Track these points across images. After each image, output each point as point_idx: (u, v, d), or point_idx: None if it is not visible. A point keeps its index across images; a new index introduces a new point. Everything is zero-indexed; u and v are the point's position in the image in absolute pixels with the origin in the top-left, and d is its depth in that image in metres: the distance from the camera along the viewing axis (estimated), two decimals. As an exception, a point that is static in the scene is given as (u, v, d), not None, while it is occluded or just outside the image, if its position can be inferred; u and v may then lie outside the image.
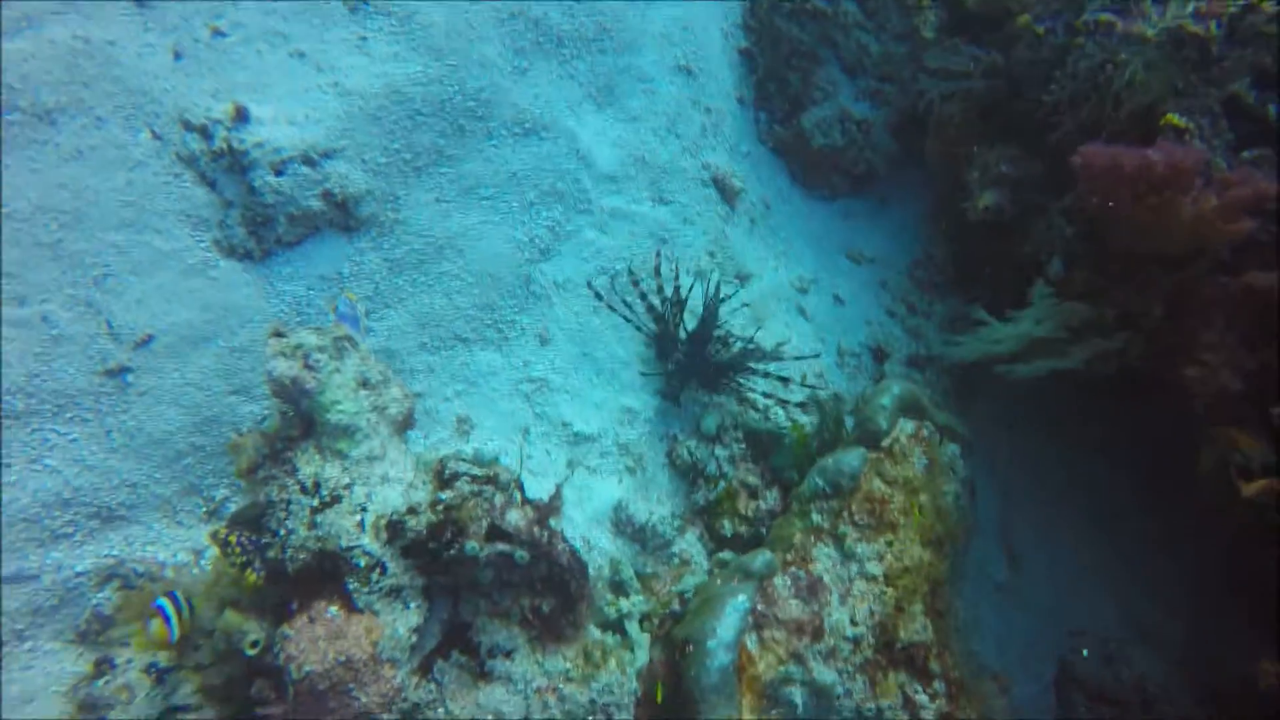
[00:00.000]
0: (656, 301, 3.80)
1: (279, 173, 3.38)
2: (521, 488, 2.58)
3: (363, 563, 2.25)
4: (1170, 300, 3.23)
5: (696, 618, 2.83)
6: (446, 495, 2.39)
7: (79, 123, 3.13)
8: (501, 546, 2.38)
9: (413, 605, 2.32)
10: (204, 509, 3.08)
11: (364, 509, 2.33)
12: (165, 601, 2.31)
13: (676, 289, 3.76)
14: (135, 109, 3.26)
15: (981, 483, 4.20)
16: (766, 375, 3.68)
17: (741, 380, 3.76)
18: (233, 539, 2.20)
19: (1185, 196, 2.86)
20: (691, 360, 3.65)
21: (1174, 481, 4.31)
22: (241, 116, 3.33)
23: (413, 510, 2.34)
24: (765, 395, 3.88)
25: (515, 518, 2.42)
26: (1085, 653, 4.19)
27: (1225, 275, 3.15)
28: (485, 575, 2.42)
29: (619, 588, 3.23)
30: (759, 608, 2.88)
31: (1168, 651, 4.28)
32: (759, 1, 4.56)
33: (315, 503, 2.27)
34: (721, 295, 3.83)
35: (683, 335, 3.70)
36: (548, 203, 3.94)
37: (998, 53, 3.94)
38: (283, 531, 2.24)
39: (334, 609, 2.19)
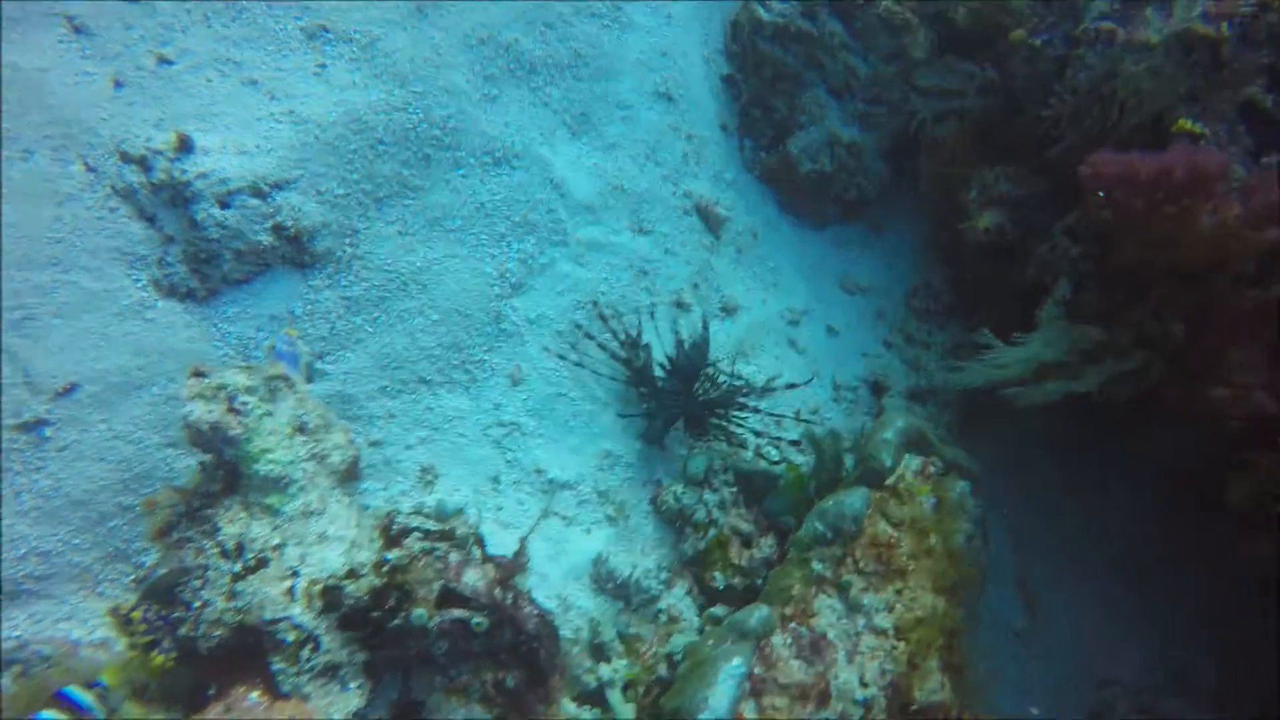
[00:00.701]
0: (635, 339, 3.54)
1: (225, 205, 3.14)
2: (482, 543, 2.27)
3: (291, 638, 1.93)
4: (1191, 318, 2.98)
5: (687, 686, 2.50)
6: (394, 555, 2.09)
7: (1, 155, 2.88)
8: (457, 612, 2.07)
9: (353, 686, 2.00)
10: (132, 576, 2.75)
11: (296, 573, 2.02)
12: (79, 690, 1.99)
13: (640, 333, 3.51)
14: (67, 140, 3.03)
15: (992, 522, 3.90)
16: (757, 411, 3.40)
17: (731, 418, 3.48)
18: (137, 615, 1.89)
19: (1205, 205, 2.63)
20: (676, 399, 3.37)
21: (1198, 514, 4.03)
22: (185, 146, 3.10)
23: (353, 573, 2.04)
24: (757, 434, 3.60)
25: (473, 578, 2.11)
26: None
27: (1251, 289, 2.91)
28: (439, 646, 2.10)
29: (599, 651, 2.90)
30: (756, 671, 2.55)
31: (1201, 695, 3.94)
32: (741, 25, 4.39)
33: (237, 568, 1.96)
34: (708, 329, 3.57)
35: (660, 374, 3.43)
36: (519, 234, 3.70)
37: (992, 69, 3.76)
38: (197, 604, 1.93)
39: (255, 694, 1.87)
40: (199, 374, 2.06)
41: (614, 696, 2.72)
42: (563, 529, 3.26)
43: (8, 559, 2.54)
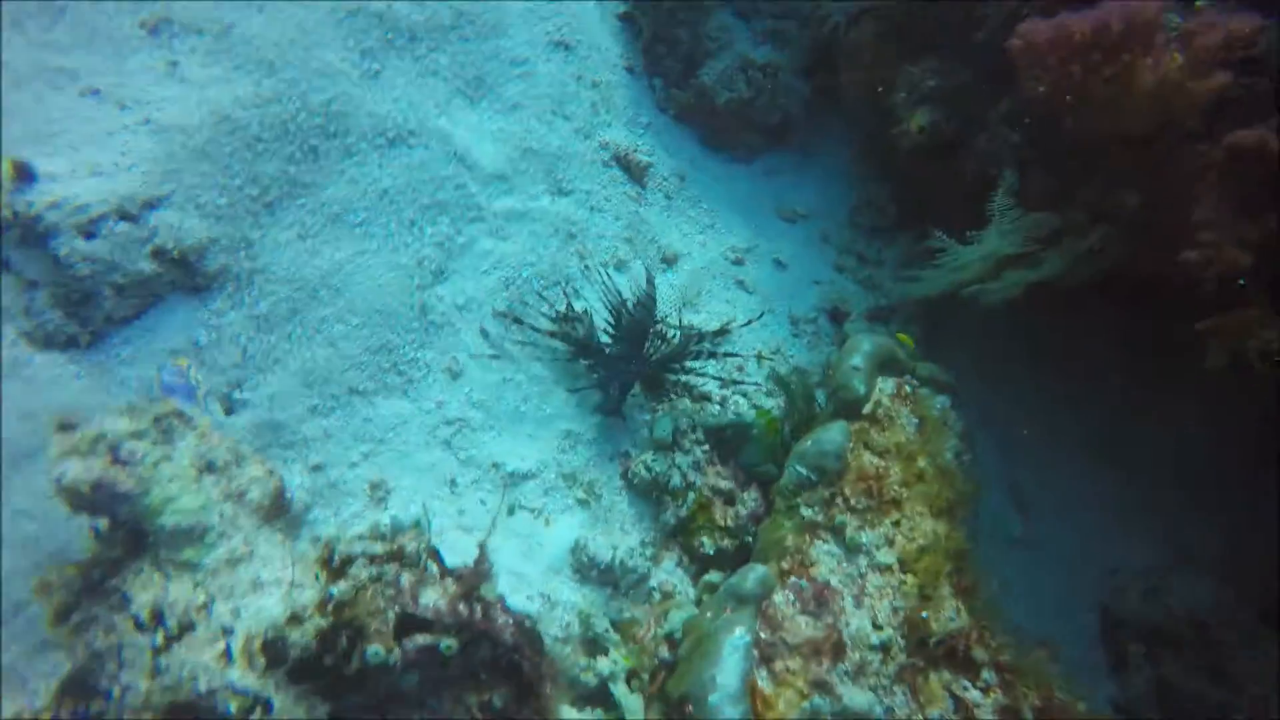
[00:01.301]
0: (568, 311, 3.28)
1: (89, 235, 2.78)
2: (438, 557, 2.02)
3: (234, 706, 1.67)
4: (1147, 186, 2.83)
5: (691, 667, 2.30)
6: (338, 588, 1.83)
7: None
8: (421, 639, 1.82)
9: (317, 745, 1.74)
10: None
11: (230, 631, 1.75)
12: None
13: (569, 305, 3.27)
14: (-113, 191, 2.63)
15: (975, 430, 3.77)
16: (714, 356, 3.18)
17: (689, 372, 3.26)
18: (45, 718, 1.60)
19: (1145, 59, 2.45)
20: (627, 364, 3.14)
21: (1178, 387, 3.96)
22: (24, 174, 2.72)
23: (295, 618, 1.77)
24: (721, 386, 3.39)
25: (432, 597, 1.86)
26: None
27: (1202, 144, 2.76)
28: (409, 680, 1.85)
29: (594, 645, 2.68)
30: (763, 636, 2.37)
31: (1212, 570, 3.89)
32: (629, -41, 4.11)
33: (158, 640, 1.69)
34: (653, 284, 3.32)
35: (606, 339, 3.19)
36: (431, 217, 3.40)
37: (898, -41, 3.55)
38: (116, 690, 1.65)
39: (202, 780, 1.61)
40: (66, 426, 1.75)
41: (618, 690, 2.51)
42: (533, 522, 3.02)
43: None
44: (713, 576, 2.97)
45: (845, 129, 4.35)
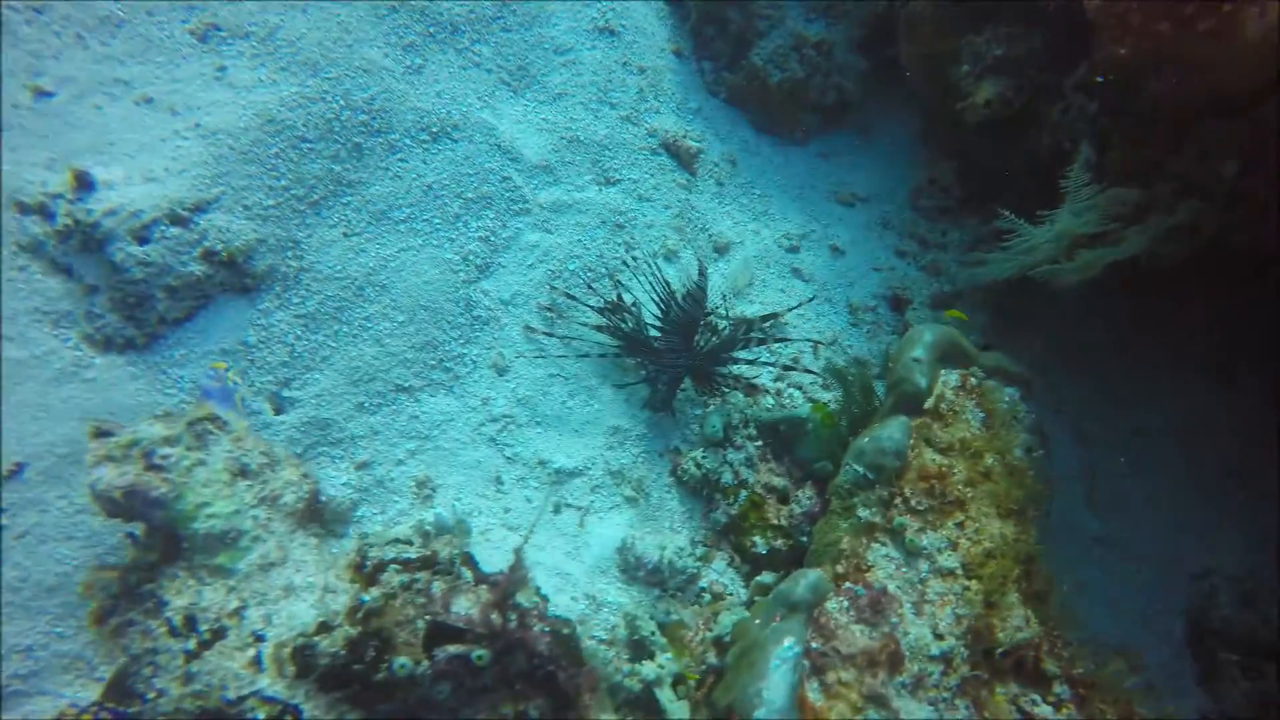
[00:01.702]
0: (617, 303, 3.20)
1: (143, 240, 2.83)
2: (473, 563, 1.97)
3: (262, 715, 1.65)
4: (1246, 153, 2.57)
5: (738, 678, 2.21)
6: (370, 595, 1.79)
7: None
8: (452, 649, 1.77)
9: (348, 754, 1.71)
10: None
11: (261, 638, 1.74)
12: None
13: (619, 296, 3.18)
14: (-46, 202, 2.73)
15: (1049, 422, 3.54)
16: (764, 344, 3.05)
17: (741, 364, 3.14)
18: (86, 719, 1.62)
19: (1252, 8, 2.20)
20: (676, 357, 3.04)
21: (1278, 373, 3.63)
22: (84, 184, 2.79)
23: (325, 626, 1.75)
24: (775, 379, 3.26)
25: (464, 606, 1.81)
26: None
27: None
28: (441, 691, 1.81)
29: (640, 648, 2.61)
30: (814, 646, 2.25)
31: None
32: (675, -63, 3.98)
33: (191, 645, 1.69)
34: (705, 275, 3.20)
35: (655, 333, 3.09)
36: (475, 211, 3.36)
37: (960, -80, 3.32)
38: (151, 694, 1.65)
39: (231, 790, 1.60)
40: (102, 433, 1.76)
41: (664, 696, 2.44)
42: (579, 520, 2.96)
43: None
44: (765, 578, 2.86)
45: (906, 106, 4.13)
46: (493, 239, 3.35)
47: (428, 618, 1.76)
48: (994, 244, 3.36)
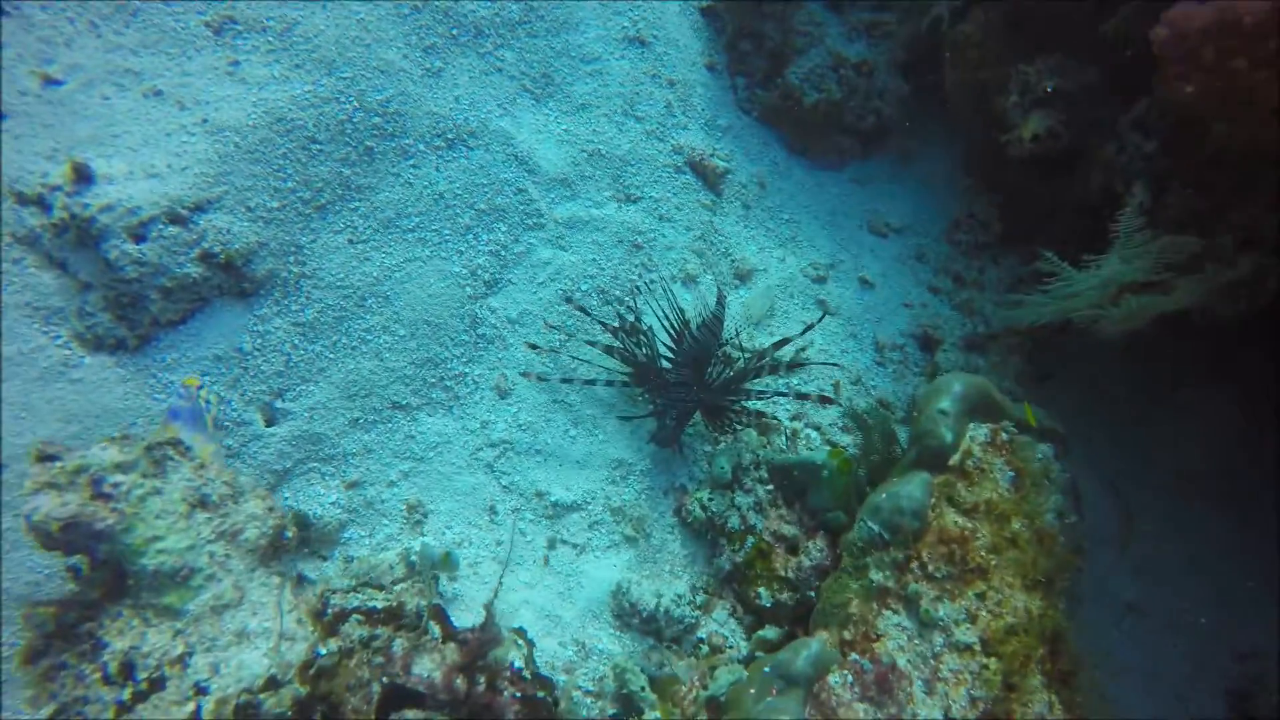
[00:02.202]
0: (631, 327, 3.03)
1: (139, 238, 2.73)
2: (442, 616, 1.81)
3: (196, 779, 1.50)
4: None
5: (726, 753, 2.03)
6: (326, 650, 1.64)
7: None
8: (411, 715, 1.62)
9: (289, 825, 1.56)
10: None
11: (204, 690, 1.59)
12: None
13: (633, 323, 3.01)
14: (-51, 189, 2.65)
15: (1084, 480, 3.31)
16: (776, 372, 2.87)
17: (756, 402, 2.96)
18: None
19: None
20: (686, 390, 2.86)
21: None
22: (83, 176, 2.69)
23: (273, 683, 1.60)
24: (791, 417, 3.08)
25: (427, 668, 1.65)
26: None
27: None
28: (397, 758, 1.65)
29: (628, 703, 2.44)
30: (813, 722, 2.06)
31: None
32: (715, -52, 3.82)
33: (125, 696, 1.54)
34: (723, 304, 3.02)
35: (665, 364, 2.92)
36: (487, 224, 3.22)
37: (1017, -58, 3.12)
38: (78, 748, 1.51)
39: None
40: (47, 457, 1.63)
41: (648, 760, 2.26)
42: (574, 558, 2.80)
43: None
44: (768, 632, 2.67)
45: (947, 134, 3.92)
46: (503, 254, 3.21)
47: (384, 680, 1.61)
48: (1034, 285, 3.14)
